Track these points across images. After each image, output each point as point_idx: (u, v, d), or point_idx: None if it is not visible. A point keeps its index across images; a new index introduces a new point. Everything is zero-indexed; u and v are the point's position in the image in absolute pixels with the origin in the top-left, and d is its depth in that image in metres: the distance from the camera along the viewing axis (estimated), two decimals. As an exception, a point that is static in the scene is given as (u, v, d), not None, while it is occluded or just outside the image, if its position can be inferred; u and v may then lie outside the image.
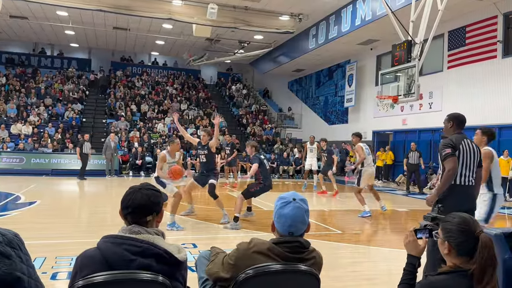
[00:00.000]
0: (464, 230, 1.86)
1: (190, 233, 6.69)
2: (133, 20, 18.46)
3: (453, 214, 1.98)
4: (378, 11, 14.10)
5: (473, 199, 4.00)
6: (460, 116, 4.16)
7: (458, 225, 1.88)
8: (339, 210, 10.03)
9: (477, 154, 4.05)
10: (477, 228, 1.86)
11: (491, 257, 1.77)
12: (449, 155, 3.92)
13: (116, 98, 23.50)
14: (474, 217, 3.94)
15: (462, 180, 3.93)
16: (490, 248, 1.77)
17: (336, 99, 22.69)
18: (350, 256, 5.83)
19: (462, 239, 1.85)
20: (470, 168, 3.96)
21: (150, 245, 1.77)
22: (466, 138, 4.05)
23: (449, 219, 1.95)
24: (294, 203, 1.97)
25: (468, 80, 14.28)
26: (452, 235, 1.89)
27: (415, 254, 2.15)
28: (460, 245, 1.86)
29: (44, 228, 6.74)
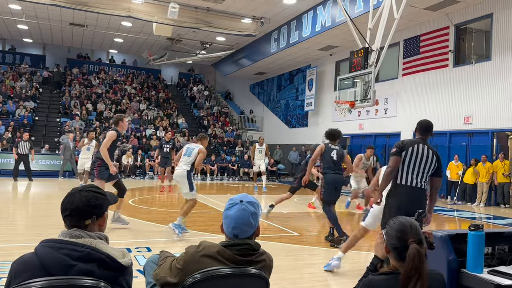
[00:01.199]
0: (399, 237, 1.90)
1: (145, 236, 6.52)
2: (91, 17, 17.89)
3: (396, 218, 2.02)
4: (337, 18, 14.41)
5: (418, 201, 4.04)
6: (424, 123, 4.27)
7: (396, 231, 1.93)
8: (298, 212, 10.12)
9: (432, 160, 4.11)
10: (413, 236, 1.88)
11: (416, 268, 1.79)
12: (392, 154, 4.11)
13: (71, 97, 22.68)
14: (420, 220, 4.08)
15: (405, 180, 4.05)
16: (415, 259, 1.80)
17: (296, 102, 22.97)
18: (307, 258, 5.88)
19: (397, 244, 1.90)
20: (417, 171, 4.05)
21: (91, 249, 1.68)
22: (422, 143, 4.13)
23: (391, 223, 1.99)
24: (240, 204, 1.94)
25: (422, 87, 14.87)
26: (389, 239, 1.94)
27: (380, 256, 2.19)
28: (395, 249, 1.91)
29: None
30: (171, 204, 10.57)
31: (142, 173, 18.11)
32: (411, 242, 1.85)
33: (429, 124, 4.25)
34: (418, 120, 4.41)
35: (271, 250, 5.69)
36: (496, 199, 12.46)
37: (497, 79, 12.38)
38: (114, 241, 5.72)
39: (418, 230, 1.93)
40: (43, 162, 16.64)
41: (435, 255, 2.54)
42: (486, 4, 12.72)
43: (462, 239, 2.53)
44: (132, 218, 7.84)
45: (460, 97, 13.47)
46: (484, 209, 11.83)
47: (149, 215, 8.38)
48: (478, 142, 13.12)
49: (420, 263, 1.80)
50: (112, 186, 6.85)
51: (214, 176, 19.07)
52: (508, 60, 12.10)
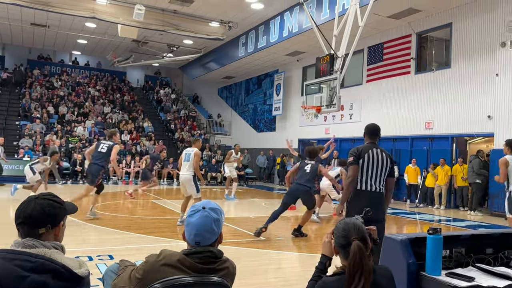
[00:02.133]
0: (344, 235, 2.03)
1: (107, 243, 6.34)
2: (53, 17, 17.34)
3: (342, 219, 2.15)
4: (304, 24, 14.62)
5: (378, 205, 4.12)
6: (372, 127, 4.36)
7: (341, 230, 2.06)
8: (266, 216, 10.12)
9: (386, 163, 4.21)
10: (355, 234, 2.00)
11: (358, 263, 1.90)
12: (350, 163, 4.17)
13: (32, 99, 21.86)
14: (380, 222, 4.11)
15: (365, 186, 4.13)
16: (357, 254, 1.91)
17: (264, 107, 23.08)
18: (273, 262, 5.89)
19: (343, 243, 2.03)
20: (375, 176, 4.14)
21: (45, 260, 1.60)
22: (375, 147, 4.22)
23: (337, 225, 2.12)
24: (203, 211, 1.90)
25: (385, 93, 15.27)
26: (336, 239, 2.08)
27: (328, 255, 2.27)
28: (341, 248, 2.04)
29: None
30: (135, 210, 10.35)
31: (106, 178, 17.63)
32: (353, 239, 1.97)
33: (377, 128, 4.35)
34: (381, 125, 4.49)
35: (238, 255, 5.68)
36: (456, 202, 12.93)
37: (456, 86, 12.88)
38: (75, 249, 5.54)
39: (361, 229, 2.05)
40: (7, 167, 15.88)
41: (396, 259, 2.60)
42: (446, 13, 13.24)
43: (421, 242, 2.59)
44: (94, 225, 7.62)
45: (421, 103, 13.93)
46: (445, 212, 12.25)
47: (112, 221, 8.17)
48: (439, 146, 13.59)
49: (362, 258, 1.91)
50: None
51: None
52: (467, 68, 12.62)
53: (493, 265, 2.63)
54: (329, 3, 13.46)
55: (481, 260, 2.66)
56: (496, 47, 11.59)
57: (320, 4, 13.92)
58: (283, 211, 7.51)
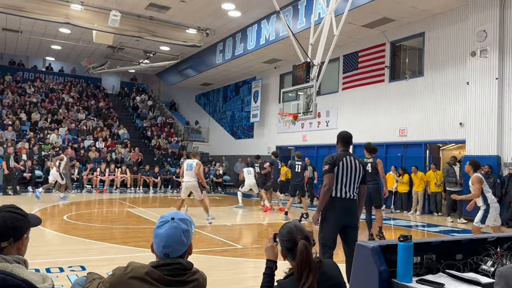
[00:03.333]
0: (288, 238, 2.15)
1: (79, 254, 6.18)
2: (26, 22, 16.95)
3: (286, 223, 2.26)
4: (281, 32, 14.74)
5: (352, 212, 4.26)
6: (344, 135, 4.44)
7: (285, 234, 2.18)
8: (242, 224, 10.09)
9: (360, 170, 4.32)
10: (298, 235, 2.13)
11: (305, 260, 2.03)
12: (325, 171, 4.23)
13: (3, 105, 21.25)
14: (354, 228, 4.27)
15: (340, 193, 4.21)
16: (304, 252, 2.04)
17: (242, 114, 23.09)
18: (251, 270, 5.85)
19: (288, 245, 2.15)
20: (349, 183, 4.24)
21: (6, 275, 1.55)
22: (349, 155, 4.32)
23: (281, 229, 2.23)
24: (171, 222, 1.86)
25: (360, 101, 15.51)
26: (282, 243, 2.19)
27: (273, 258, 2.38)
28: (288, 251, 2.15)
29: None
30: (109, 220, 10.14)
31: (80, 187, 17.26)
32: (299, 239, 2.09)
33: (350, 136, 4.45)
34: (356, 132, 4.60)
35: (214, 264, 5.63)
36: (430, 207, 13.18)
37: (429, 94, 13.19)
38: (45, 260, 5.38)
39: (303, 229, 2.19)
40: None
41: (367, 266, 2.61)
42: (418, 23, 13.58)
43: (392, 249, 2.61)
44: (67, 235, 7.43)
45: (395, 110, 14.19)
46: (420, 217, 12.46)
47: (85, 231, 7.97)
48: (413, 153, 13.86)
49: (309, 256, 2.04)
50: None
51: (158, 189, 18.58)
52: (439, 76, 12.95)
53: (463, 271, 2.67)
54: (305, 12, 13.62)
55: (451, 266, 2.70)
56: (467, 56, 11.93)
57: (296, 12, 14.07)
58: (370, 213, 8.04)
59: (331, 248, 4.21)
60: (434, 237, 4.31)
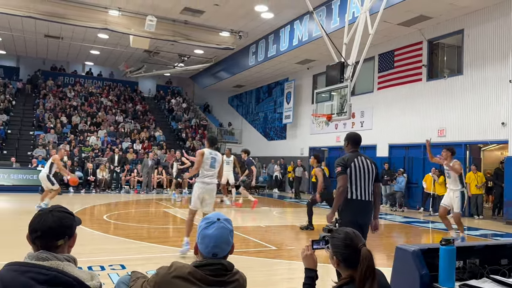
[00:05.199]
0: (347, 244, 2.02)
1: (119, 253, 6.37)
2: (66, 29, 17.66)
3: (339, 229, 2.14)
4: (314, 33, 14.65)
5: (367, 212, 4.29)
6: (354, 136, 4.50)
7: (343, 240, 2.04)
8: (276, 226, 10.10)
9: (372, 170, 4.32)
10: (359, 242, 2.02)
11: (370, 268, 1.93)
12: (339, 173, 4.24)
13: (46, 109, 22.21)
14: (367, 230, 4.32)
15: (355, 195, 4.21)
16: (369, 260, 1.94)
17: (275, 115, 23.11)
18: (285, 272, 5.85)
19: (347, 253, 2.02)
20: (363, 184, 4.24)
21: (58, 272, 1.63)
22: (360, 155, 4.34)
23: (336, 235, 2.10)
24: (218, 223, 1.91)
25: (396, 100, 15.18)
26: (338, 250, 2.05)
27: (312, 267, 2.26)
28: (346, 258, 2.02)
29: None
30: (146, 219, 10.40)
31: (118, 187, 17.79)
32: (361, 246, 1.99)
33: (360, 137, 4.52)
34: (392, 133, 4.59)
35: (248, 265, 5.67)
36: (470, 210, 12.73)
37: (468, 92, 12.75)
38: (87, 258, 5.58)
39: (360, 236, 2.09)
40: (16, 176, 16.14)
41: (408, 270, 2.57)
42: (457, 20, 13.16)
43: (434, 253, 2.56)
44: (107, 234, 7.67)
45: (433, 110, 13.81)
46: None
47: (124, 231, 8.21)
48: (452, 154, 13.40)
49: (373, 263, 1.95)
50: None
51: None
52: (479, 74, 12.50)
53: (508, 277, 2.58)
54: (339, 11, 13.49)
55: (496, 271, 2.62)
56: (508, 53, 11.47)
57: (330, 12, 13.96)
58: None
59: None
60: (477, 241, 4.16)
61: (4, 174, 15.89)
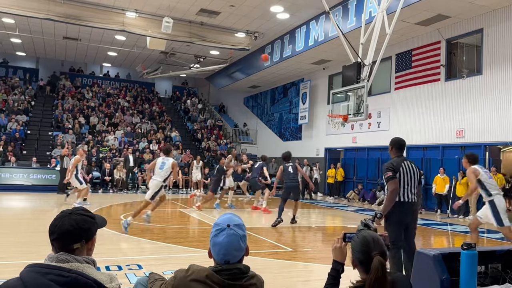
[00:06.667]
0: (363, 251, 2.01)
1: (136, 253, 6.43)
2: (84, 30, 17.93)
3: (360, 232, 2.10)
4: (330, 33, 14.56)
5: (413, 213, 4.65)
6: (399, 141, 4.74)
7: (360, 245, 2.03)
8: (291, 227, 10.06)
9: (417, 174, 4.64)
10: (375, 249, 1.98)
11: (379, 280, 1.88)
12: (390, 178, 4.49)
13: (64, 110, 22.59)
14: (413, 228, 4.58)
15: (404, 197, 4.53)
16: (379, 271, 1.89)
17: (290, 116, 23.05)
18: (302, 274, 5.82)
19: (362, 258, 2.01)
20: (410, 187, 4.56)
21: (78, 275, 1.64)
22: (405, 160, 4.65)
23: (355, 238, 2.08)
24: (228, 230, 1.89)
25: (414, 101, 14.98)
26: (355, 253, 2.04)
27: (340, 260, 2.23)
28: (361, 263, 2.01)
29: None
30: (163, 220, 10.47)
31: (135, 187, 17.96)
32: (374, 255, 1.95)
33: (404, 141, 4.78)
34: (410, 134, 4.71)
35: (264, 266, 5.66)
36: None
37: (488, 93, 12.50)
38: (105, 258, 5.64)
39: (380, 242, 2.03)
40: (35, 176, 16.44)
41: (428, 275, 2.52)
42: (476, 19, 12.92)
43: (455, 257, 2.51)
44: (123, 234, 7.75)
45: (452, 110, 13.58)
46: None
47: (140, 231, 8.28)
48: (471, 155, 13.16)
49: (383, 274, 1.89)
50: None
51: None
52: (499, 75, 12.25)
53: (533, 283, 2.51)
54: (356, 11, 13.37)
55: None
56: (531, 52, 11.20)
57: (346, 12, 13.85)
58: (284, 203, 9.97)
59: (400, 247, 4.50)
60: (499, 246, 4.06)
61: (23, 174, 16.22)
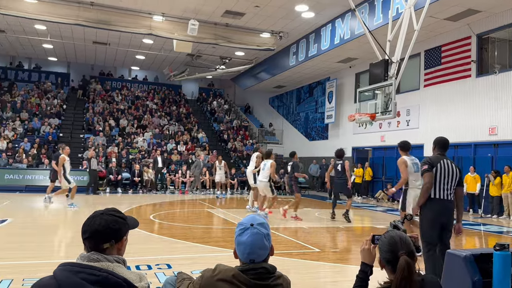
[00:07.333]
0: (390, 250, 1.98)
1: (165, 252, 6.53)
2: (113, 35, 18.36)
3: (387, 232, 2.08)
4: (356, 30, 14.38)
5: (449, 212, 4.56)
6: (442, 140, 4.78)
7: (387, 245, 2.01)
8: (318, 227, 10.00)
9: (456, 173, 4.59)
10: (402, 249, 1.95)
11: (405, 280, 1.86)
12: (425, 170, 4.55)
13: (95, 113, 23.19)
14: (449, 230, 4.51)
15: (439, 195, 4.51)
16: (405, 271, 1.87)
17: (316, 115, 22.89)
18: (329, 275, 5.78)
19: (389, 258, 1.98)
20: (446, 185, 4.52)
21: (109, 273, 1.68)
22: (445, 158, 4.62)
23: (382, 238, 2.06)
24: (251, 229, 1.90)
25: (444, 98, 14.61)
26: (382, 253, 2.02)
27: (368, 262, 2.20)
28: (388, 263, 1.99)
29: (14, 248, 6.50)
30: (191, 219, 10.60)
31: (163, 188, 18.26)
32: (401, 254, 1.93)
33: (447, 141, 4.81)
34: (440, 132, 4.65)
35: (292, 267, 5.64)
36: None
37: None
38: (135, 257, 5.76)
39: (408, 242, 2.00)
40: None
41: (459, 276, 2.46)
42: (508, 13, 12.48)
43: (487, 259, 2.44)
44: (153, 233, 7.89)
45: (484, 107, 13.17)
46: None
47: (169, 230, 8.42)
48: (504, 153, 12.75)
49: (410, 274, 1.87)
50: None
51: (234, 190, 19.06)
52: (534, 69, 11.80)
53: None
54: (382, 7, 13.16)
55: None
56: None
57: (372, 9, 13.65)
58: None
59: (434, 245, 4.48)
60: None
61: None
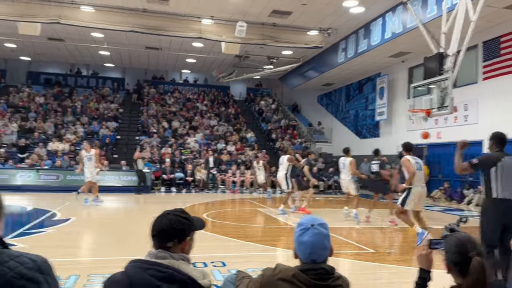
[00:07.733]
0: (458, 251, 1.89)
1: (220, 250, 6.67)
2: (165, 40, 18.94)
3: (453, 234, 1.99)
4: (408, 24, 13.88)
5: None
6: (499, 135, 4.45)
7: (455, 246, 1.91)
8: (371, 227, 9.78)
9: None
10: (472, 250, 1.85)
11: (479, 282, 1.77)
12: (472, 164, 4.37)
13: (149, 115, 24.06)
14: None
15: (502, 194, 4.18)
16: (479, 272, 1.77)
17: (366, 112, 22.37)
18: (385, 276, 5.64)
19: (458, 260, 1.88)
20: (509, 184, 4.18)
21: (174, 271, 1.76)
22: (507, 155, 4.30)
23: (448, 240, 1.97)
24: (313, 229, 1.91)
25: (504, 91, 13.76)
26: (449, 256, 1.93)
27: (426, 268, 2.14)
28: (456, 265, 1.89)
29: (78, 246, 6.89)
30: (242, 218, 10.73)
31: (215, 187, 18.61)
32: (473, 255, 1.84)
33: (505, 136, 4.47)
34: (501, 127, 4.38)
35: (346, 267, 5.57)
36: None
37: None
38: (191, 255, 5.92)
39: (477, 243, 1.91)
40: (124, 178, 17.69)
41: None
42: None
43: None
44: (207, 232, 8.07)
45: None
46: None
47: (222, 229, 8.57)
48: None
49: (484, 275, 1.78)
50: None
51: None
52: None
53: None
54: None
55: None
56: None
57: (425, 1, 13.09)
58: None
59: (493, 247, 4.25)
60: None
61: (115, 176, 17.54)
